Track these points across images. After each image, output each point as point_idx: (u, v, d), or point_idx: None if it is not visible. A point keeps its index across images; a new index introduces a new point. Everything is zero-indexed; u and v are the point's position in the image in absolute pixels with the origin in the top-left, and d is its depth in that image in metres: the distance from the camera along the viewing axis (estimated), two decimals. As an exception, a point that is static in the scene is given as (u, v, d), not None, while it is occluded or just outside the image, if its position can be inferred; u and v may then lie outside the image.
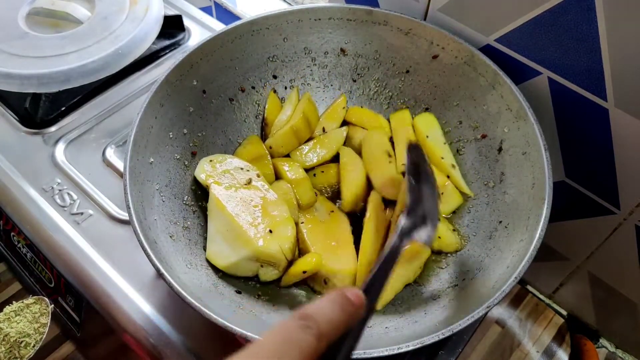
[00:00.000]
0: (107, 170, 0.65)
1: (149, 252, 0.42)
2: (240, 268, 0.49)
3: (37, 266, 0.65)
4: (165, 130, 0.54)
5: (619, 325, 0.62)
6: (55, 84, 0.66)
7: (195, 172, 0.55)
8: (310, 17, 0.60)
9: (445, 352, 0.54)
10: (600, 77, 0.47)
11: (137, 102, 0.72)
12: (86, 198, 0.62)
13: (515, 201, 0.50)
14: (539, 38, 0.49)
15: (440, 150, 0.58)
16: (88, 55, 0.67)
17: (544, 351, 0.62)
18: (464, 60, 0.56)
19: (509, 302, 0.65)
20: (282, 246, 0.49)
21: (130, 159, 0.47)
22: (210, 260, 0.50)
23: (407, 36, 0.59)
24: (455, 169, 0.57)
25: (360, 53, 0.63)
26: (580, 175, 0.55)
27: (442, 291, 0.49)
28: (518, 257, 0.43)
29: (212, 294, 0.46)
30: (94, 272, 0.57)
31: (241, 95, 0.62)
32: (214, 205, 0.51)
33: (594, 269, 0.59)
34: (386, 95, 0.64)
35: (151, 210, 0.48)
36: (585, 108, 0.49)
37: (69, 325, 0.64)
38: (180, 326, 0.53)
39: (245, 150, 0.60)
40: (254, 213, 0.50)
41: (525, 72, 0.53)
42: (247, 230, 0.49)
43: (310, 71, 0.64)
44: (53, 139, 0.68)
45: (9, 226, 0.65)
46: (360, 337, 0.30)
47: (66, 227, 0.60)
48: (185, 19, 0.83)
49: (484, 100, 0.55)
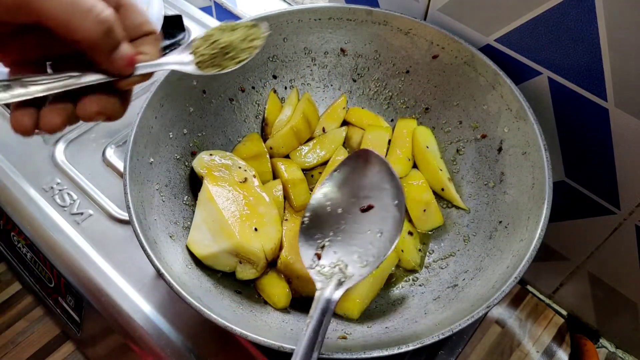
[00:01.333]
0: (107, 170, 0.65)
1: (149, 252, 0.42)
2: (218, 260, 0.49)
3: (37, 266, 0.65)
4: (165, 130, 0.54)
5: (619, 325, 0.62)
6: (55, 84, 0.66)
7: (193, 162, 0.55)
8: (310, 17, 0.60)
9: (445, 352, 0.54)
10: (600, 77, 0.47)
11: (137, 102, 0.72)
12: (86, 198, 0.62)
13: (515, 201, 0.50)
14: (539, 38, 0.49)
15: (439, 163, 0.58)
16: (88, 55, 0.67)
17: (544, 351, 0.62)
18: (464, 60, 0.56)
19: (509, 302, 0.65)
20: (265, 246, 0.49)
21: (130, 159, 0.47)
22: (190, 248, 0.49)
23: (407, 36, 0.59)
24: (450, 183, 0.57)
25: (360, 53, 0.63)
26: (580, 175, 0.55)
27: (442, 291, 0.49)
28: (518, 257, 0.43)
29: (212, 294, 0.46)
30: (94, 272, 0.57)
31: (241, 95, 0.62)
32: (204, 196, 0.51)
33: (594, 269, 0.59)
34: (386, 95, 0.64)
35: (151, 210, 0.48)
36: (585, 108, 0.49)
37: (69, 325, 0.65)
38: (180, 326, 0.53)
39: (245, 147, 0.60)
40: (243, 210, 0.50)
41: (525, 72, 0.53)
42: (232, 224, 0.49)
43: (310, 71, 0.64)
44: (53, 139, 0.68)
45: (9, 226, 0.65)
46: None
47: (66, 227, 0.60)
48: (185, 19, 0.83)
49: (484, 100, 0.55)
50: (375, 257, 0.40)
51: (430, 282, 0.52)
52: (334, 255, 0.41)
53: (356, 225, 0.42)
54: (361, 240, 0.41)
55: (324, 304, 0.36)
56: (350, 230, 0.42)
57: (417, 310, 0.48)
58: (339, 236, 0.42)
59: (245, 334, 0.38)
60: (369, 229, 0.42)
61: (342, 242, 0.42)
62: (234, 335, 0.38)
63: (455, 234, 0.55)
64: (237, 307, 0.46)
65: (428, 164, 0.58)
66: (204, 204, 0.51)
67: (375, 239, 0.41)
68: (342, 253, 0.41)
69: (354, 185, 0.45)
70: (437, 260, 0.54)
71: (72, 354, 0.81)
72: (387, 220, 0.41)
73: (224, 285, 0.49)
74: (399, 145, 0.59)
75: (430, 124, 0.61)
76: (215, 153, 0.55)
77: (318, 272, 0.40)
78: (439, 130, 0.60)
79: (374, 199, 0.43)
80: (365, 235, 0.41)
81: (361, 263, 0.40)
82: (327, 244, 0.42)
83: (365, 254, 0.40)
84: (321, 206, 0.44)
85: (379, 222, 0.42)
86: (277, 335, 0.42)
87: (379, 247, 0.40)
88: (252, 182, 0.53)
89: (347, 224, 0.43)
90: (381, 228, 0.41)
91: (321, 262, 0.41)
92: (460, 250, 0.53)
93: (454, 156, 0.59)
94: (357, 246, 0.41)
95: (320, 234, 0.43)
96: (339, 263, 0.40)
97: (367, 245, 0.41)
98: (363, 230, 0.42)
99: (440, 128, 0.60)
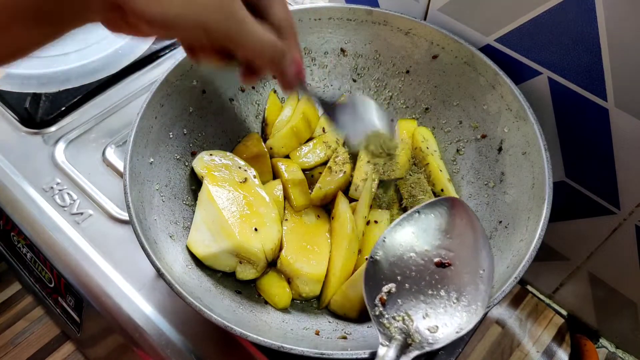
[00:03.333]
0: (107, 170, 0.65)
1: (149, 252, 0.42)
2: (218, 260, 0.49)
3: (37, 266, 0.65)
4: (165, 130, 0.54)
5: (619, 325, 0.62)
6: (55, 84, 0.66)
7: (193, 162, 0.55)
8: (310, 17, 0.60)
9: (445, 352, 0.54)
10: (600, 77, 0.47)
11: (137, 102, 0.72)
12: (86, 198, 0.62)
13: (515, 201, 0.50)
14: (539, 38, 0.49)
15: (439, 163, 0.58)
16: (88, 55, 0.67)
17: (544, 351, 0.62)
18: (464, 60, 0.56)
19: (509, 302, 0.65)
20: (265, 246, 0.49)
21: (130, 159, 0.47)
22: (190, 248, 0.49)
23: (407, 36, 0.59)
24: (450, 183, 0.57)
25: (360, 53, 0.63)
26: (580, 175, 0.55)
27: (442, 291, 0.49)
28: (518, 257, 0.43)
29: (212, 294, 0.46)
30: (94, 272, 0.57)
31: (241, 95, 0.62)
32: (204, 196, 0.51)
33: (594, 269, 0.59)
34: (386, 95, 0.64)
35: (151, 210, 0.48)
36: (585, 108, 0.49)
37: (69, 325, 0.64)
38: (180, 326, 0.53)
39: (245, 147, 0.60)
40: (243, 210, 0.50)
41: (525, 72, 0.53)
42: (232, 224, 0.49)
43: (310, 71, 0.64)
44: (53, 139, 0.68)
45: (9, 226, 0.65)
46: None
47: (66, 227, 0.60)
48: (185, 19, 0.83)
49: (484, 100, 0.55)
50: (448, 326, 0.34)
51: (431, 282, 0.51)
52: (398, 305, 0.35)
53: (428, 278, 0.36)
54: (432, 298, 0.35)
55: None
56: (420, 282, 0.36)
57: (417, 310, 0.48)
58: (407, 284, 0.36)
59: (245, 334, 0.38)
60: (444, 289, 0.36)
61: (409, 292, 0.36)
62: (234, 335, 0.38)
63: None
64: (237, 307, 0.46)
65: (428, 164, 0.58)
66: (204, 204, 0.51)
67: (450, 303, 0.35)
68: (407, 306, 0.35)
69: (433, 234, 0.39)
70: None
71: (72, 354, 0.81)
72: (467, 286, 0.36)
73: (224, 285, 0.49)
74: (399, 145, 0.59)
75: (430, 124, 0.61)
76: (215, 153, 0.55)
77: (380, 321, 0.34)
78: (439, 130, 0.60)
79: (455, 258, 0.37)
80: (439, 294, 0.36)
81: (429, 324, 0.34)
82: (394, 290, 0.36)
83: (435, 315, 0.35)
84: (393, 246, 0.39)
85: (457, 284, 0.36)
86: (277, 335, 0.42)
87: (452, 315, 0.35)
88: (252, 182, 0.53)
89: (419, 274, 0.37)
90: (459, 293, 0.35)
91: (386, 310, 0.35)
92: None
93: (454, 156, 0.59)
94: (425, 303, 0.35)
95: (385, 276, 0.36)
96: (403, 316, 0.35)
97: (438, 307, 0.35)
98: (436, 288, 0.36)
99: (440, 128, 0.60)
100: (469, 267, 0.37)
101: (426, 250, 0.38)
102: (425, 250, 0.38)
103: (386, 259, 0.38)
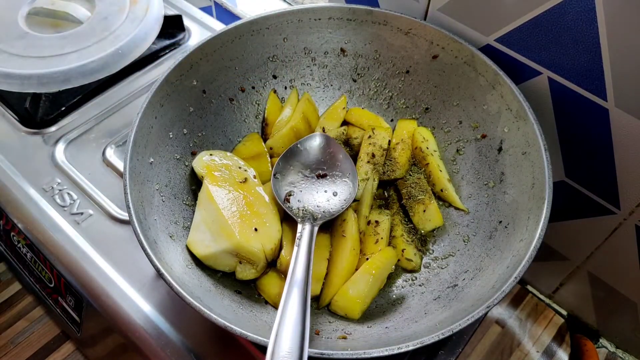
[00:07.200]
0: (107, 170, 0.65)
1: (149, 252, 0.42)
2: (218, 260, 0.49)
3: (37, 266, 0.65)
4: (165, 130, 0.54)
5: (619, 325, 0.62)
6: (55, 84, 0.66)
7: (193, 162, 0.55)
8: (310, 17, 0.60)
9: (445, 352, 0.54)
10: (600, 77, 0.47)
11: (137, 102, 0.72)
12: (86, 198, 0.62)
13: (515, 201, 0.50)
14: (539, 38, 0.49)
15: (439, 163, 0.58)
16: (88, 55, 0.67)
17: (544, 351, 0.62)
18: (464, 60, 0.56)
19: (509, 302, 0.65)
20: (265, 246, 0.49)
21: (130, 159, 0.47)
22: (190, 248, 0.49)
23: (407, 36, 0.59)
24: (450, 184, 0.57)
25: (360, 53, 0.63)
26: (580, 175, 0.55)
27: (442, 291, 0.49)
28: (518, 257, 0.43)
29: (212, 294, 0.46)
30: (94, 272, 0.57)
31: (241, 95, 0.62)
32: (204, 196, 0.51)
33: (594, 269, 0.59)
34: (386, 95, 0.64)
35: (151, 210, 0.48)
36: (585, 108, 0.49)
37: (69, 325, 0.64)
38: (180, 326, 0.53)
39: (245, 147, 0.60)
40: (243, 210, 0.50)
41: (525, 72, 0.53)
42: (232, 224, 0.49)
43: (310, 71, 0.64)
44: (53, 139, 0.68)
45: (9, 226, 0.65)
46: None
47: (66, 227, 0.60)
48: (185, 19, 0.83)
49: (484, 100, 0.55)
50: (335, 204, 0.53)
51: (431, 282, 0.52)
52: (299, 203, 0.52)
53: (314, 186, 0.54)
54: (318, 195, 0.54)
55: (309, 231, 0.48)
56: (309, 188, 0.54)
57: (417, 310, 0.48)
58: (301, 190, 0.54)
59: (245, 334, 0.38)
60: (325, 189, 0.54)
61: (304, 193, 0.54)
62: (234, 335, 0.38)
63: (455, 234, 0.55)
64: (237, 307, 0.46)
65: (428, 164, 0.58)
66: (204, 204, 0.51)
67: (331, 195, 0.54)
68: (304, 200, 0.53)
69: (311, 158, 0.57)
70: (437, 260, 0.54)
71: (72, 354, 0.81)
72: (339, 185, 0.54)
73: (224, 285, 0.49)
74: (399, 145, 0.59)
75: (430, 124, 0.61)
76: (215, 153, 0.55)
77: (290, 208, 0.52)
78: (439, 130, 0.60)
79: (328, 170, 0.56)
80: (323, 192, 0.54)
81: (322, 213, 0.51)
82: (293, 194, 0.53)
83: (323, 203, 0.53)
84: (286, 168, 0.56)
85: (333, 185, 0.54)
86: (277, 335, 0.42)
87: (334, 204, 0.53)
88: (252, 182, 0.53)
89: (308, 182, 0.55)
90: (335, 190, 0.54)
91: (290, 203, 0.52)
92: (460, 250, 0.53)
93: (454, 156, 0.59)
94: (314, 199, 0.53)
95: (287, 187, 0.54)
96: (303, 209, 0.52)
97: (323, 199, 0.53)
98: (320, 191, 0.54)
99: (440, 128, 0.60)
100: (340, 173, 0.55)
101: (310, 170, 0.56)
102: (309, 169, 0.56)
103: (283, 177, 0.55)
